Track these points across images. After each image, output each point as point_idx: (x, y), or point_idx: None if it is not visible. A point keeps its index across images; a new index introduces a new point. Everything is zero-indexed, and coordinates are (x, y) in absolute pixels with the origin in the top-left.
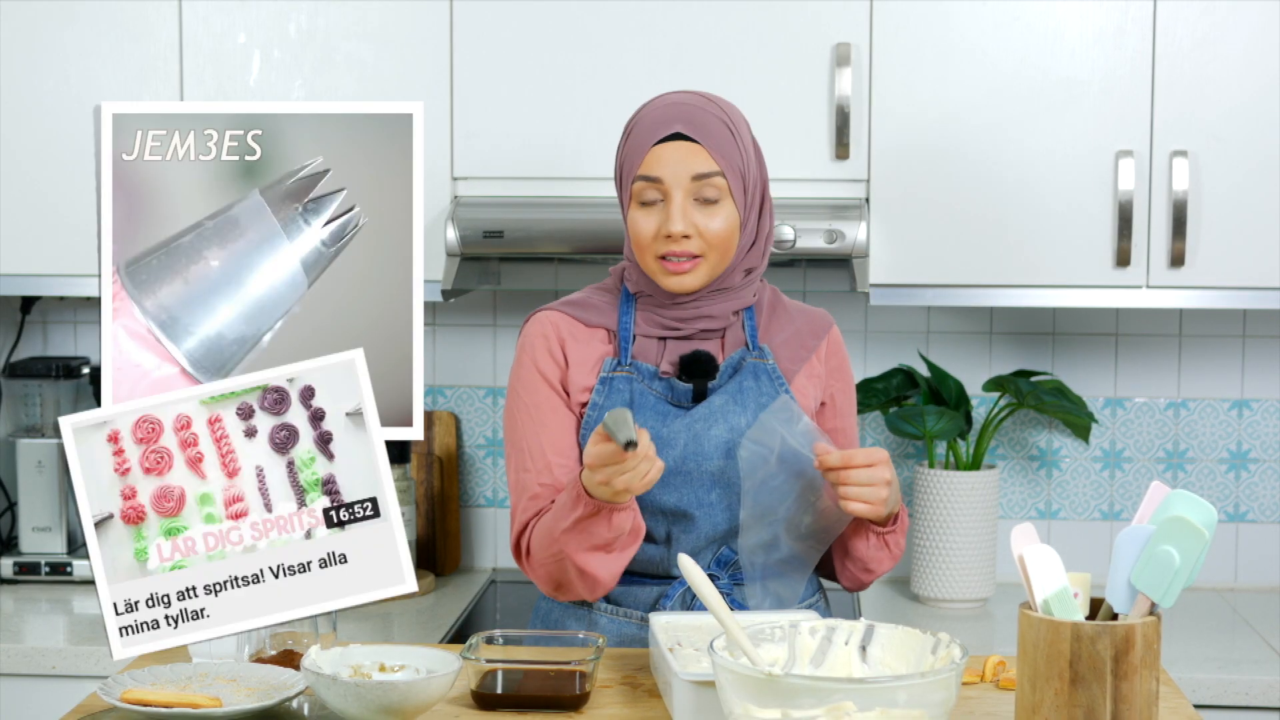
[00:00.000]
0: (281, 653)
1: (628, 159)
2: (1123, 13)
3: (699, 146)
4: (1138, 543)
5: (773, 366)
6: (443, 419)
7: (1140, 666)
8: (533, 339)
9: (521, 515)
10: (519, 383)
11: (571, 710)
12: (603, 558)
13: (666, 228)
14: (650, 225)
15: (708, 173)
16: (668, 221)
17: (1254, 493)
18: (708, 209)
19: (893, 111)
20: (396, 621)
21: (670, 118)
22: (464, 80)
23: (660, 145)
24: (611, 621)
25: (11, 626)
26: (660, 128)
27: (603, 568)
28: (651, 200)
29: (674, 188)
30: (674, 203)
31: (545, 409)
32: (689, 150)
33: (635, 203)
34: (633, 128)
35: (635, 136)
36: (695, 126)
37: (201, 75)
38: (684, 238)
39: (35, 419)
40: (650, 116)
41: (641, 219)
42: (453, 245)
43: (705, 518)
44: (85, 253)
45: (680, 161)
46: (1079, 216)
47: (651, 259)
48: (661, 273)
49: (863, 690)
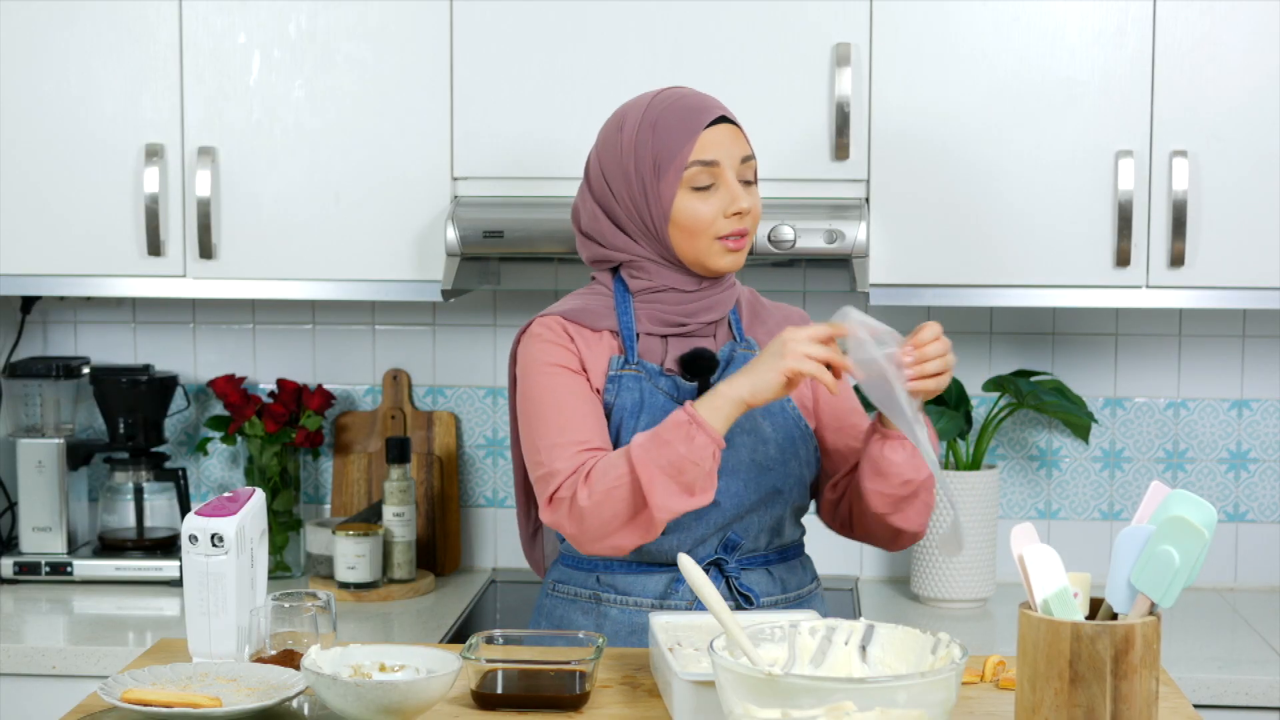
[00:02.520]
0: (281, 653)
1: (666, 147)
2: (1123, 12)
3: (738, 130)
4: (1137, 543)
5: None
6: (443, 419)
7: (1140, 666)
8: (542, 338)
9: (566, 464)
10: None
11: (571, 710)
12: (669, 486)
13: (734, 206)
14: (711, 207)
15: (749, 156)
16: (734, 201)
17: (1254, 493)
18: (749, 189)
19: (892, 112)
20: (396, 621)
21: (709, 104)
22: (464, 80)
23: (709, 130)
24: (622, 612)
25: (11, 626)
26: (703, 114)
27: (665, 497)
28: (705, 185)
29: (728, 169)
30: (731, 183)
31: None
32: (733, 133)
33: (685, 188)
34: (657, 120)
35: (673, 126)
36: (728, 112)
37: (201, 75)
38: (747, 214)
39: (35, 419)
40: (682, 104)
41: (697, 204)
42: (453, 245)
43: (711, 506)
44: (85, 253)
45: (731, 144)
46: (1079, 216)
47: (708, 241)
48: (720, 252)
49: (863, 690)
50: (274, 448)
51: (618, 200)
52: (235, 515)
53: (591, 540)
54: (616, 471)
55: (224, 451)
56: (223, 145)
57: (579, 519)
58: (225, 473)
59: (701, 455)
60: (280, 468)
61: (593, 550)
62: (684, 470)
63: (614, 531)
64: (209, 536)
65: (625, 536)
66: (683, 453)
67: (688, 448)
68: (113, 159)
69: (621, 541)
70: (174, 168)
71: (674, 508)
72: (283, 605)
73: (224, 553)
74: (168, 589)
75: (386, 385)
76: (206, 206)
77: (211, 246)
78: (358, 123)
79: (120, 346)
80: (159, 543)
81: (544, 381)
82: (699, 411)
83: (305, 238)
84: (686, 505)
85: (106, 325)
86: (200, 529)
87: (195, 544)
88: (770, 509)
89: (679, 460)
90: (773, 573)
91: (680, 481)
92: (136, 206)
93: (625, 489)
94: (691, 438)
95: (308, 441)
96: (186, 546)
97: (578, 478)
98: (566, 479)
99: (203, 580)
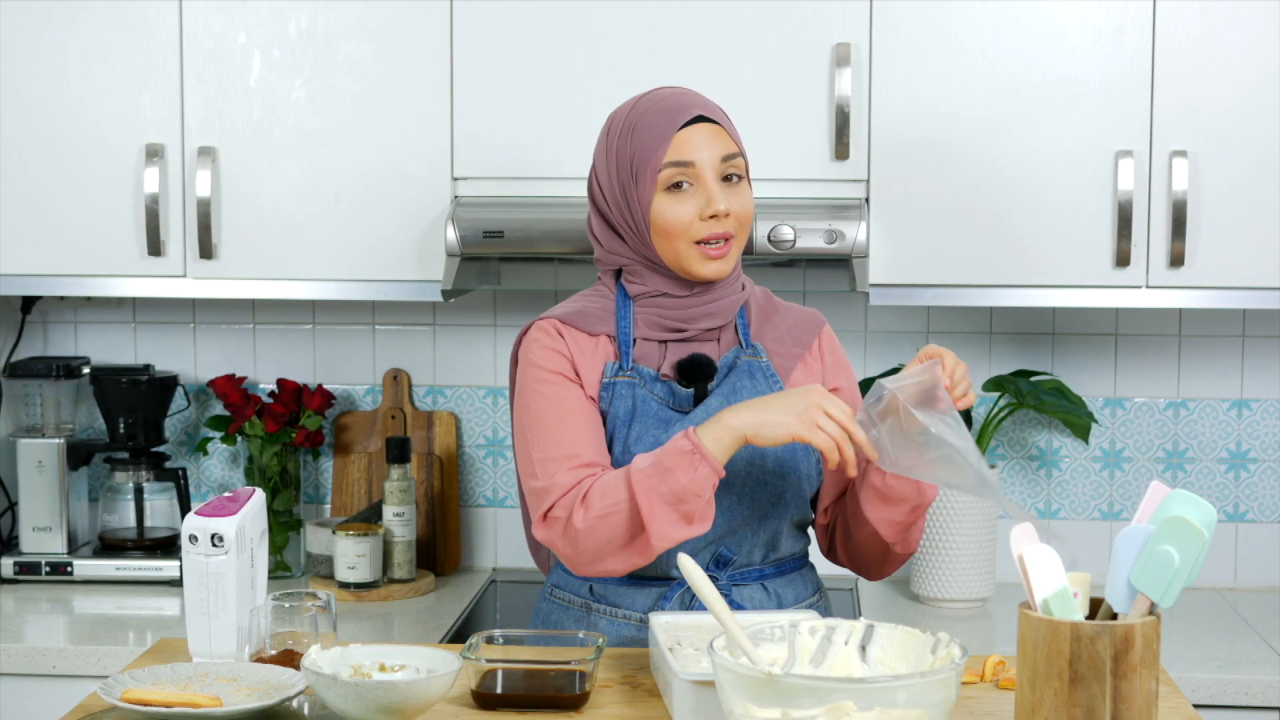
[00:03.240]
0: (281, 653)
1: (642, 150)
2: (1122, 13)
3: (719, 128)
4: (1137, 543)
5: (766, 364)
6: (443, 419)
7: (1140, 666)
8: (539, 343)
9: (564, 479)
10: (533, 387)
11: (571, 710)
12: (669, 515)
13: (709, 209)
14: (686, 210)
15: (731, 154)
16: (709, 203)
17: (1254, 493)
18: (733, 188)
19: (892, 111)
20: (396, 621)
21: (686, 104)
22: (464, 80)
23: (684, 130)
24: (611, 623)
25: (11, 626)
26: (679, 114)
27: (664, 523)
28: (680, 185)
29: (705, 169)
30: (708, 184)
31: (569, 400)
32: (712, 132)
33: (661, 191)
34: (636, 123)
35: (647, 128)
36: (710, 110)
37: (201, 75)
38: (726, 217)
39: (35, 419)
40: (660, 106)
41: (674, 205)
42: (453, 245)
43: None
44: (85, 253)
45: (708, 143)
46: (1079, 216)
47: (686, 245)
48: (699, 259)
49: (862, 690)
50: (274, 448)
51: (609, 202)
52: (235, 515)
53: (585, 563)
54: (615, 496)
55: (224, 451)
56: (223, 145)
57: (573, 541)
58: (225, 473)
59: (703, 486)
60: (280, 468)
61: (585, 572)
62: (685, 500)
63: (608, 555)
64: (209, 536)
65: (619, 561)
66: (685, 483)
67: (690, 478)
68: (113, 159)
69: (614, 566)
70: (174, 168)
71: (674, 536)
72: (283, 605)
73: (224, 553)
74: (168, 589)
75: (386, 385)
76: (206, 206)
77: (211, 246)
78: (358, 123)
79: (120, 346)
80: (159, 543)
81: (540, 390)
82: (703, 441)
83: (305, 238)
84: (685, 534)
85: (106, 325)
86: (200, 529)
87: (195, 544)
88: (765, 524)
89: (680, 490)
90: (768, 587)
91: (680, 510)
92: (136, 206)
93: (624, 514)
94: (695, 467)
95: (308, 441)
96: (186, 546)
97: (574, 497)
98: (562, 497)
99: (203, 580)
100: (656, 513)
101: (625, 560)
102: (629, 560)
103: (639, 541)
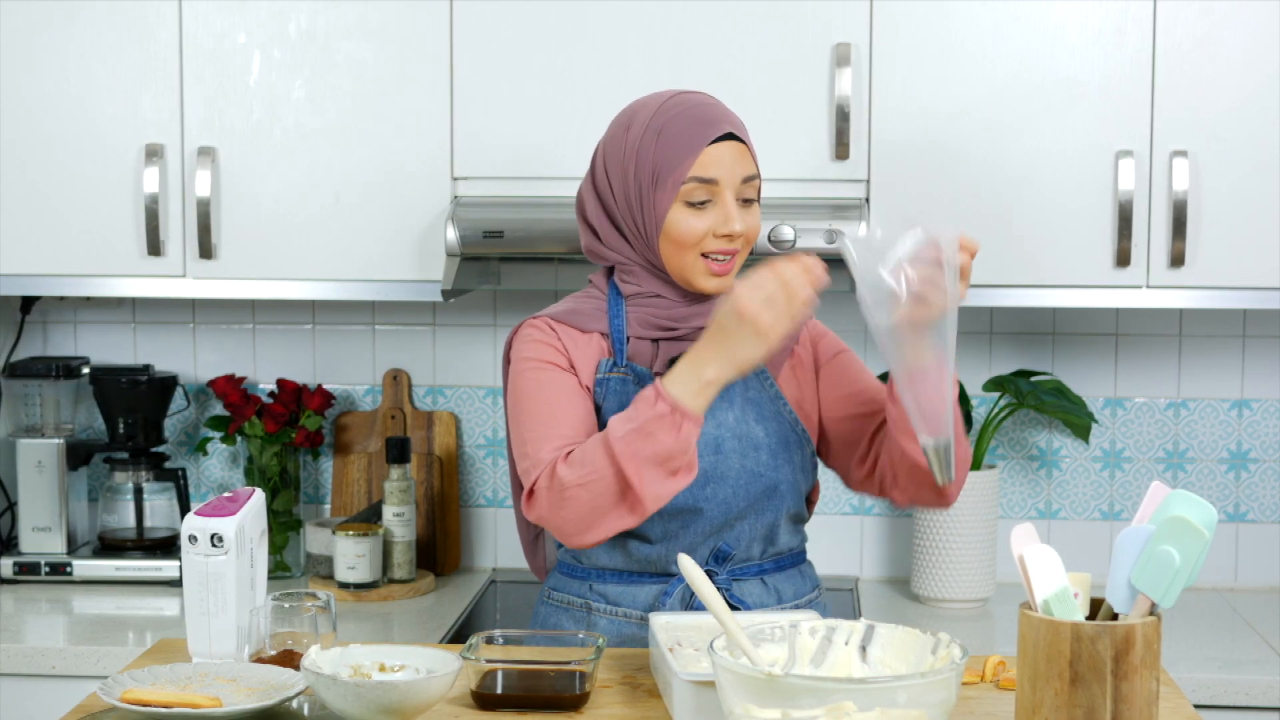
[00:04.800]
0: (281, 653)
1: (668, 158)
2: (1123, 13)
3: (744, 147)
4: (1138, 543)
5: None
6: (443, 419)
7: (1140, 666)
8: (531, 339)
9: (549, 455)
10: (524, 375)
11: (571, 710)
12: (656, 474)
13: (724, 228)
14: (701, 224)
15: (751, 175)
16: (725, 222)
17: (1254, 493)
18: (747, 208)
19: (892, 111)
20: (396, 621)
21: (716, 118)
22: (464, 80)
23: (713, 145)
24: (611, 622)
25: (11, 626)
26: (709, 128)
27: (652, 485)
28: (700, 201)
29: (726, 189)
30: (728, 204)
31: (562, 386)
32: (738, 151)
33: (680, 202)
34: (663, 127)
35: (677, 136)
36: (738, 128)
37: (201, 75)
38: (737, 237)
39: (35, 419)
40: (690, 115)
41: (690, 219)
42: (453, 245)
43: (701, 514)
44: (85, 253)
45: (734, 163)
46: (1079, 216)
47: (694, 257)
48: (704, 272)
49: (863, 690)
50: (274, 448)
51: (616, 199)
52: (235, 515)
53: (576, 532)
54: (596, 463)
55: (224, 451)
56: (223, 145)
57: (559, 508)
58: (225, 473)
59: (688, 443)
60: (280, 468)
61: (579, 543)
62: (672, 458)
63: (597, 522)
64: (209, 536)
65: (609, 525)
66: (669, 444)
67: (674, 438)
68: (113, 159)
69: (606, 530)
70: (174, 168)
71: (665, 494)
72: (283, 605)
73: (224, 553)
74: (168, 589)
75: (386, 385)
76: (206, 206)
77: (211, 246)
78: (358, 123)
79: (120, 346)
80: (159, 543)
81: (531, 377)
82: (681, 399)
83: (305, 238)
84: (676, 488)
85: (106, 325)
86: (200, 529)
87: (195, 544)
88: (762, 516)
89: (666, 451)
90: (768, 582)
91: (667, 469)
92: (136, 206)
93: (608, 479)
94: (678, 427)
95: (308, 441)
96: (186, 546)
97: (557, 466)
98: (547, 470)
99: (202, 580)
100: (645, 475)
101: (616, 523)
102: (620, 522)
103: (627, 502)
